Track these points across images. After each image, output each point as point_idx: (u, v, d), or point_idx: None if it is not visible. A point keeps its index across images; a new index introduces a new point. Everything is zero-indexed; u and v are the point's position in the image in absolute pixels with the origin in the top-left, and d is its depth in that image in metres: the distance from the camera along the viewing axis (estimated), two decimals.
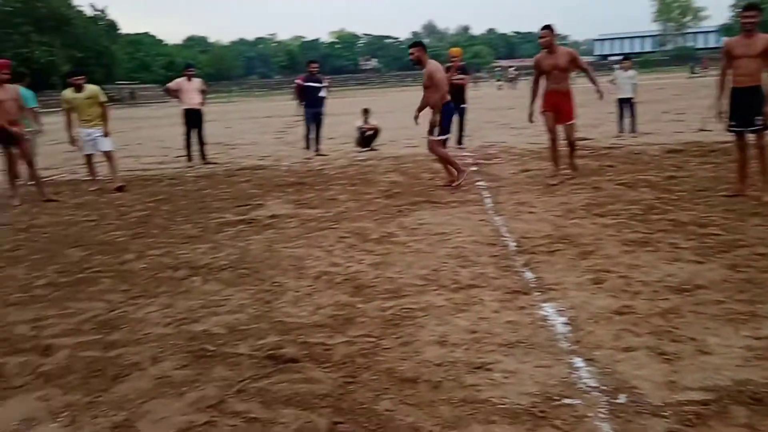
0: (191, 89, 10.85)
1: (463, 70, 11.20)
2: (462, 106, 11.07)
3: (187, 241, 5.50)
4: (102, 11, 69.92)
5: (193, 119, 10.91)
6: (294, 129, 18.20)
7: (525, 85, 50.82)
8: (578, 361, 2.87)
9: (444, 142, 7.50)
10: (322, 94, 11.77)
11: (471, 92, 11.71)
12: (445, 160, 7.50)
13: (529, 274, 4.13)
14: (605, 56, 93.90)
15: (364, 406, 2.55)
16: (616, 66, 12.94)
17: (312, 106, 11.76)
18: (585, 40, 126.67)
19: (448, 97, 7.25)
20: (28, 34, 54.23)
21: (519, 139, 11.95)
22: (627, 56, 13.40)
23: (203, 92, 11.13)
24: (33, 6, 54.88)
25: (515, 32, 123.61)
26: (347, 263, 4.59)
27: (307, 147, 11.79)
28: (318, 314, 3.61)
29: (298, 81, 11.87)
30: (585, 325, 3.26)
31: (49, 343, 3.34)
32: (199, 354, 3.12)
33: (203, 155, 11.09)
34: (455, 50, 11.66)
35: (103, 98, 8.72)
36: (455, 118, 11.09)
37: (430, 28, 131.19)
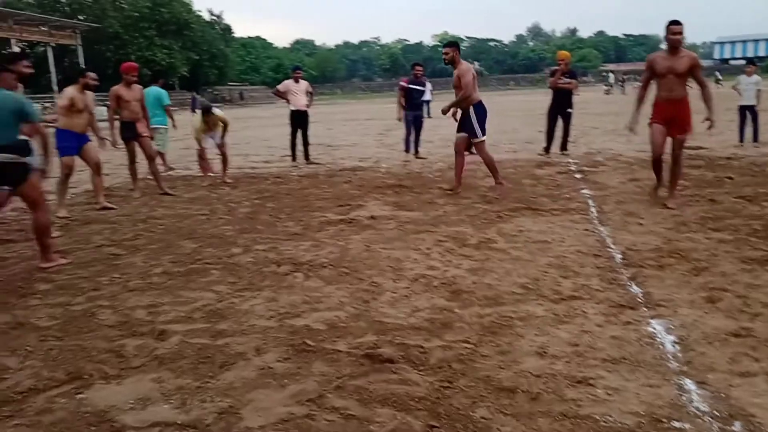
0: (299, 91, 11.20)
1: (570, 74, 10.87)
2: (568, 111, 10.76)
3: (290, 237, 5.69)
4: (218, 16, 73.77)
5: (300, 120, 11.27)
6: (394, 132, 18.40)
7: (634, 90, 48.63)
8: (689, 383, 2.72)
9: (480, 145, 7.62)
10: (426, 97, 11.80)
11: (577, 97, 11.31)
12: (490, 165, 7.62)
13: (635, 289, 3.95)
14: (725, 60, 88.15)
15: (461, 412, 2.54)
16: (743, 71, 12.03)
17: (414, 109, 11.81)
18: (703, 43, 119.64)
19: (479, 98, 7.38)
20: (152, 37, 58.10)
21: (627, 147, 11.46)
22: (751, 60, 12.53)
23: (309, 94, 11.46)
24: (158, 11, 58.75)
25: (625, 35, 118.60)
26: (445, 267, 4.58)
27: (407, 150, 11.86)
28: (415, 316, 3.63)
29: (402, 83, 11.95)
30: (697, 345, 3.08)
31: (164, 329, 3.56)
32: (300, 348, 3.21)
33: (307, 155, 11.43)
34: (563, 53, 11.35)
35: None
36: (560, 123, 10.82)
37: (536, 31, 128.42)
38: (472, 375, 2.86)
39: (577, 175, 8.55)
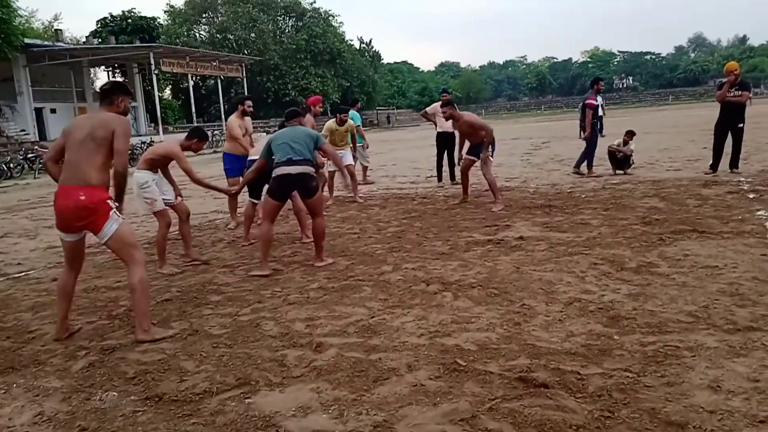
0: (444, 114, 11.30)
1: (742, 85, 9.97)
2: (739, 125, 9.86)
3: (438, 257, 5.73)
4: (368, 43, 76.75)
5: (446, 142, 11.37)
6: (541, 151, 17.95)
7: None
8: None
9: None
10: (600, 113, 11.41)
11: (750, 110, 10.34)
12: (492, 184, 8.39)
13: None
14: None
15: None
16: None
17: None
18: None
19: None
20: (308, 67, 61.81)
21: None
22: None
23: None
24: (313, 42, 62.47)
25: None
26: (601, 291, 4.36)
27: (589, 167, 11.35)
28: (570, 341, 3.49)
29: (591, 101, 11.43)
30: None
31: (321, 341, 3.73)
32: (452, 367, 3.21)
33: (452, 176, 11.49)
34: (731, 64, 10.43)
35: (353, 131, 10.54)
36: (730, 140, 9.92)
37: (698, 41, 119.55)
38: (635, 406, 2.69)
39: (751, 195, 7.78)
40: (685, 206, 7.38)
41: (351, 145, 10.54)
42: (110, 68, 44.67)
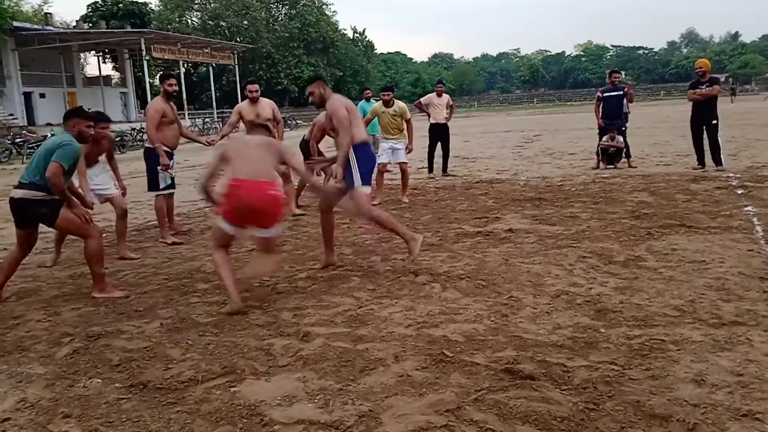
0: (440, 105, 11.28)
1: (711, 81, 10.02)
2: (713, 122, 9.87)
3: (427, 248, 5.72)
4: (361, 33, 76.38)
5: (439, 134, 11.34)
6: (532, 144, 17.98)
7: None
8: None
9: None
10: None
11: (735, 106, 10.37)
12: (386, 224, 5.26)
13: None
14: None
15: None
16: None
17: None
18: None
19: (361, 137, 5.18)
20: (300, 56, 61.51)
21: None
22: None
23: (450, 108, 11.52)
24: (306, 31, 62.13)
25: None
26: (589, 284, 4.38)
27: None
28: (557, 334, 3.50)
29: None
30: None
31: (308, 331, 3.72)
32: (438, 358, 3.21)
33: (445, 168, 11.48)
34: (699, 61, 10.51)
35: (408, 116, 9.05)
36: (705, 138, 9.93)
37: (691, 37, 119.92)
38: (620, 398, 2.70)
39: (739, 191, 7.83)
40: (673, 201, 7.41)
41: (406, 135, 9.10)
42: (100, 53, 44.25)
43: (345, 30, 72.37)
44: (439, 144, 11.41)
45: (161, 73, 9.93)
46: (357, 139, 5.13)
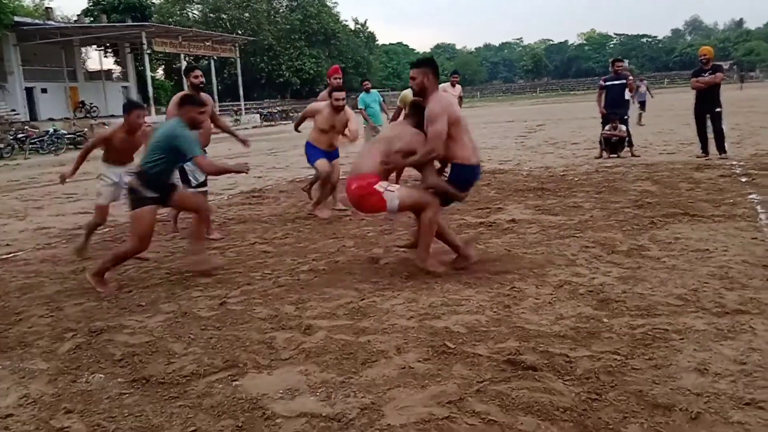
0: (454, 95, 11.24)
1: (715, 68, 9.95)
2: (716, 110, 9.81)
3: None
4: (363, 24, 76.09)
5: None
6: (535, 134, 17.92)
7: None
8: None
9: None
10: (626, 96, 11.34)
11: (741, 93, 10.31)
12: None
13: None
14: None
15: (610, 426, 2.39)
16: None
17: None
18: None
19: (467, 156, 4.59)
20: (302, 48, 61.33)
21: None
22: None
23: (460, 99, 11.45)
24: (308, 23, 61.94)
25: None
26: (592, 274, 4.36)
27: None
28: (559, 324, 3.49)
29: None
30: None
31: (310, 324, 3.71)
32: (440, 350, 3.20)
33: None
34: (703, 49, 10.46)
35: None
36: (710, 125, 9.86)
37: (695, 24, 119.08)
38: (622, 388, 2.69)
39: (743, 179, 7.79)
40: (677, 190, 7.38)
41: None
42: (102, 48, 44.21)
43: (346, 21, 72.19)
44: None
45: (186, 66, 9.83)
46: (458, 158, 4.50)
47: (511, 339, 3.31)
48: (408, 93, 7.94)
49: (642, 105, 19.04)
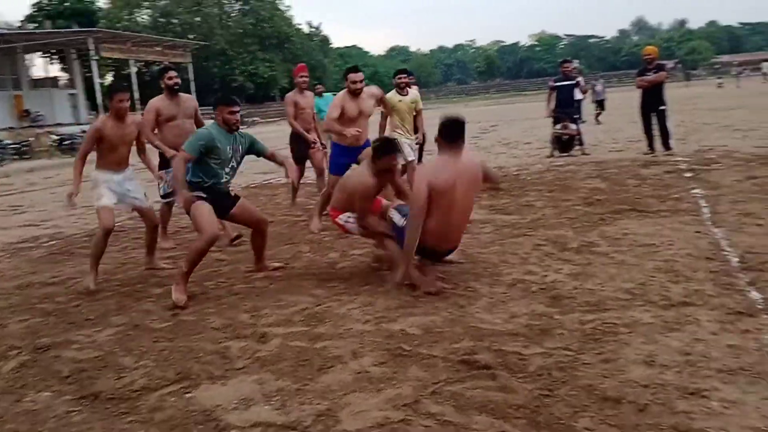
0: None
1: (658, 67, 10.29)
2: (660, 108, 10.14)
3: None
4: (317, 28, 75.93)
5: None
6: (488, 134, 18.16)
7: (751, 82, 45.30)
8: None
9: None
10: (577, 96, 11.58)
11: (683, 91, 10.67)
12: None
13: (755, 294, 3.66)
14: None
15: (562, 422, 2.44)
16: None
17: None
18: None
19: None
20: (255, 52, 60.72)
21: (744, 143, 10.70)
22: None
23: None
24: (260, 27, 61.38)
25: (741, 23, 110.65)
26: (544, 272, 4.44)
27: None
28: (512, 322, 3.54)
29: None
30: None
31: (265, 332, 3.67)
32: (396, 353, 3.21)
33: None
34: (647, 49, 10.85)
35: (420, 106, 7.99)
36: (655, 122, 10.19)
37: (641, 25, 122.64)
38: (573, 383, 2.74)
39: (687, 174, 8.05)
40: (625, 186, 7.58)
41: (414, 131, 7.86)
42: (47, 54, 42.89)
43: (300, 25, 71.82)
44: None
45: (160, 67, 9.46)
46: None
47: (465, 339, 3.34)
48: (391, 96, 7.77)
49: (600, 104, 19.37)
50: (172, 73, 6.20)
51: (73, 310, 4.42)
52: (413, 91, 8.02)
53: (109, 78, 56.22)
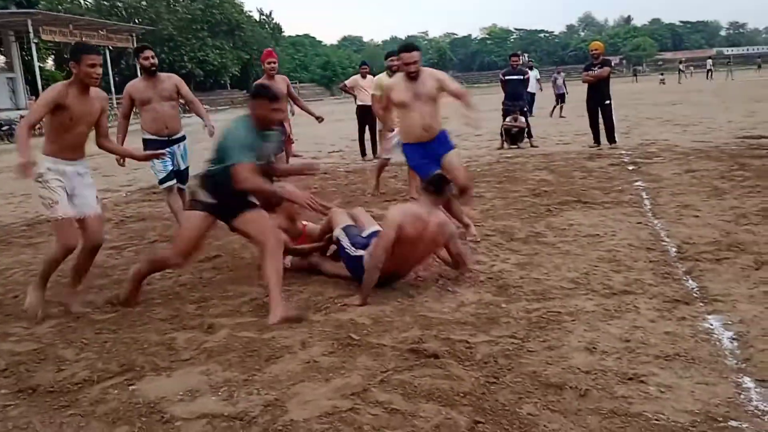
0: (366, 86, 11.21)
1: (603, 63, 10.59)
2: (606, 102, 10.42)
3: None
4: (268, 15, 74.77)
5: (367, 115, 11.24)
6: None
7: (694, 78, 46.92)
8: (747, 382, 2.60)
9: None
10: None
11: (629, 87, 10.99)
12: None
13: (691, 283, 3.81)
14: None
15: (506, 408, 2.49)
16: None
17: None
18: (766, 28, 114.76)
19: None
20: (204, 38, 59.34)
21: (683, 137, 11.10)
22: None
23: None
24: (210, 13, 59.98)
25: (683, 22, 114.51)
26: (491, 262, 4.51)
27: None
28: (461, 311, 3.59)
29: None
30: (757, 342, 2.94)
31: (212, 322, 3.61)
32: (345, 342, 3.21)
33: (374, 150, 11.42)
34: (593, 44, 11.16)
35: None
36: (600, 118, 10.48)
37: (588, 20, 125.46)
38: (518, 370, 2.80)
39: (630, 167, 8.30)
40: (571, 178, 7.76)
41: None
42: None
43: (251, 12, 70.62)
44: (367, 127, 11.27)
45: (136, 47, 8.75)
46: None
47: (414, 328, 3.36)
48: (383, 77, 7.23)
49: (560, 97, 18.92)
50: (148, 53, 5.72)
51: (10, 302, 4.26)
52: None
53: (50, 62, 54.09)
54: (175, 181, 5.86)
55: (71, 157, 3.95)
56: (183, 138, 5.97)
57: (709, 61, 49.37)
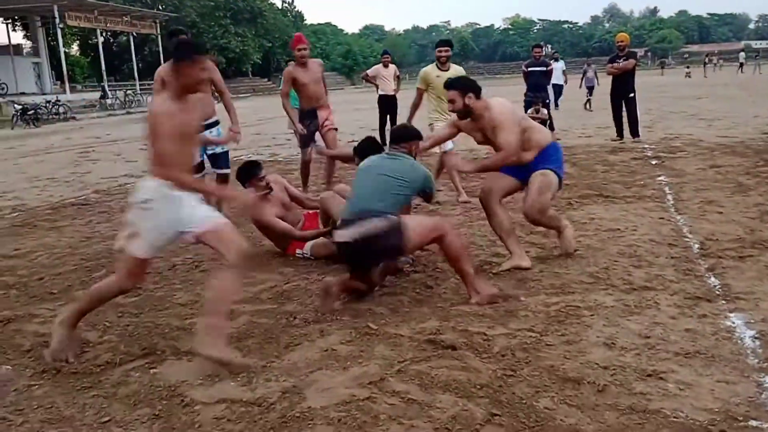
0: (387, 76, 11.20)
1: (629, 55, 10.42)
2: (630, 95, 10.27)
3: None
4: (290, 3, 74.72)
5: (388, 105, 11.23)
6: None
7: (722, 72, 46.10)
8: None
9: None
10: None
11: (655, 79, 10.82)
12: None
13: (713, 280, 3.76)
14: None
15: (523, 401, 2.49)
16: None
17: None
18: None
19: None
20: (227, 26, 59.52)
21: (708, 132, 10.92)
22: None
23: (397, 79, 11.39)
24: (233, 0, 60.12)
25: (710, 14, 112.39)
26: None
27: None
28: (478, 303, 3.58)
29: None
30: None
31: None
32: (363, 331, 3.23)
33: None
34: (619, 35, 10.99)
35: None
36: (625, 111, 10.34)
37: (613, 11, 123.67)
38: (536, 364, 2.80)
39: (653, 161, 8.20)
40: (593, 172, 7.69)
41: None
42: (9, 20, 41.42)
43: (273, 0, 70.59)
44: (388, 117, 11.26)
45: (170, 29, 8.58)
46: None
47: (432, 319, 3.37)
48: (429, 70, 6.83)
49: (590, 90, 18.57)
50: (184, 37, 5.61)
51: (35, 284, 4.34)
52: (457, 67, 6.91)
53: (75, 48, 54.67)
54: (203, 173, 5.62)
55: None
56: (216, 123, 5.92)
57: (742, 54, 48.39)
